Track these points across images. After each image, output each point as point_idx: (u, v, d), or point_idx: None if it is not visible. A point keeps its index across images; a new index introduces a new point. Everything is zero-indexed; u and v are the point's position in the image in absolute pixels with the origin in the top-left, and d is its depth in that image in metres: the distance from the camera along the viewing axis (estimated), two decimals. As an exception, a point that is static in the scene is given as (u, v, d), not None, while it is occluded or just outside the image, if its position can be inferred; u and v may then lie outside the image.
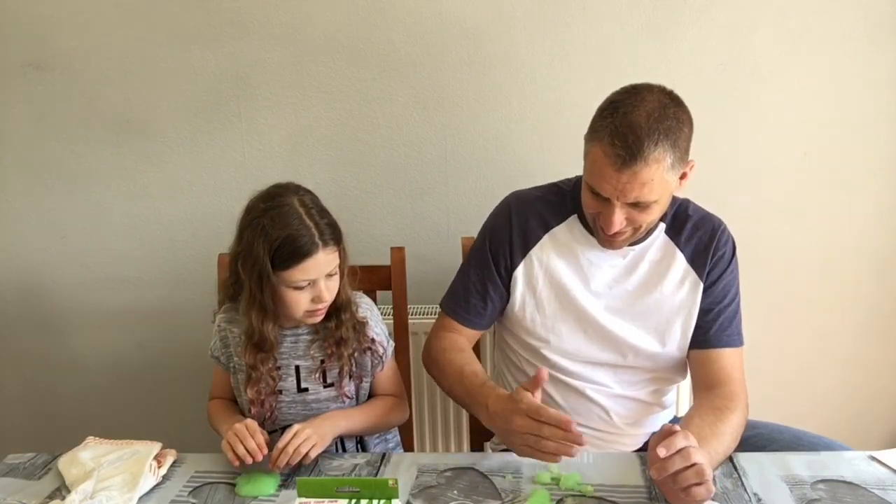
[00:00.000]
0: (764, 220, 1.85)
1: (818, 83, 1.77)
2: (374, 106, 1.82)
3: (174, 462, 1.22)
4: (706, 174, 1.82)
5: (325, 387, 1.33)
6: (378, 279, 1.54)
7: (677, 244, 1.35)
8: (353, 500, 1.08)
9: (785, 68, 1.76)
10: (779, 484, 1.11)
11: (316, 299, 1.25)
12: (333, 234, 1.25)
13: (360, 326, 1.33)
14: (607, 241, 1.29)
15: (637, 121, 1.15)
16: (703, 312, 1.34)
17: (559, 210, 1.37)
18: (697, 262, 1.34)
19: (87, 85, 1.84)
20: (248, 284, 1.25)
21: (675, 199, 1.36)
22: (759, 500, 1.07)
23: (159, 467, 1.18)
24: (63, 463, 1.21)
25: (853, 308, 1.91)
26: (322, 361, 1.33)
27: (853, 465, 1.16)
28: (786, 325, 1.92)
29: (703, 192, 1.80)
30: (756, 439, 1.31)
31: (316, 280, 1.24)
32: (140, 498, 1.12)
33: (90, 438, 1.28)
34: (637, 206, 1.20)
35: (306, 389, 1.33)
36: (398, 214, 1.87)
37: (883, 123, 1.79)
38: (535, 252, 1.36)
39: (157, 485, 1.16)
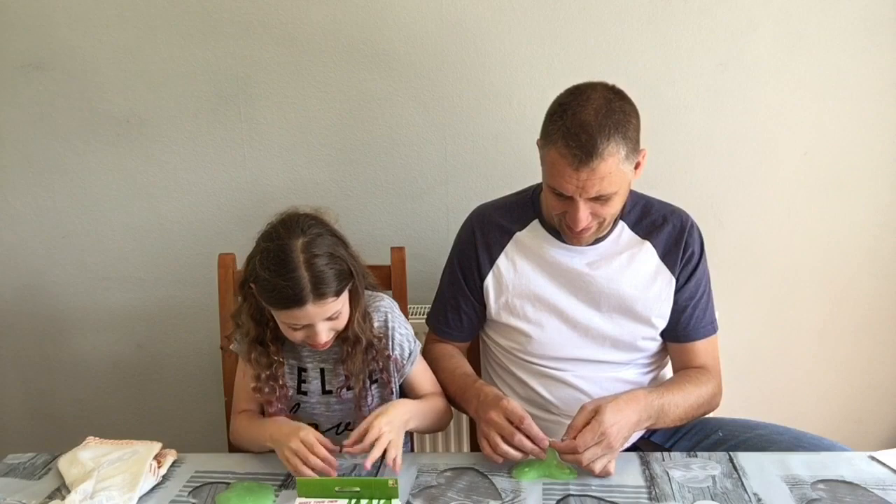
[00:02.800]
0: (764, 220, 1.85)
1: (818, 83, 1.77)
2: (374, 106, 1.82)
3: (174, 462, 1.23)
4: (706, 174, 1.83)
5: (348, 389, 1.33)
6: (378, 279, 1.54)
7: (646, 237, 1.39)
8: (353, 500, 1.08)
9: (785, 68, 1.76)
10: (779, 484, 1.11)
11: (310, 339, 1.23)
12: (334, 285, 1.18)
13: (378, 343, 1.31)
14: (575, 237, 1.34)
15: (587, 119, 1.20)
16: (679, 310, 1.39)
17: (520, 217, 1.43)
18: (669, 257, 1.38)
19: (87, 85, 1.84)
20: (252, 300, 1.24)
21: (636, 195, 1.42)
22: (759, 500, 1.07)
23: (159, 467, 1.18)
24: (63, 463, 1.21)
25: (853, 308, 1.91)
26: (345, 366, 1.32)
27: (853, 465, 1.16)
28: (785, 324, 1.92)
29: (703, 192, 1.81)
30: (756, 440, 1.31)
31: (309, 324, 1.20)
32: (140, 498, 1.12)
33: (90, 438, 1.28)
34: (599, 199, 1.25)
35: (330, 392, 1.33)
36: (398, 214, 1.87)
37: (883, 123, 1.79)
38: (501, 260, 1.41)
39: (157, 485, 1.16)
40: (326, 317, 1.20)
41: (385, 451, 1.15)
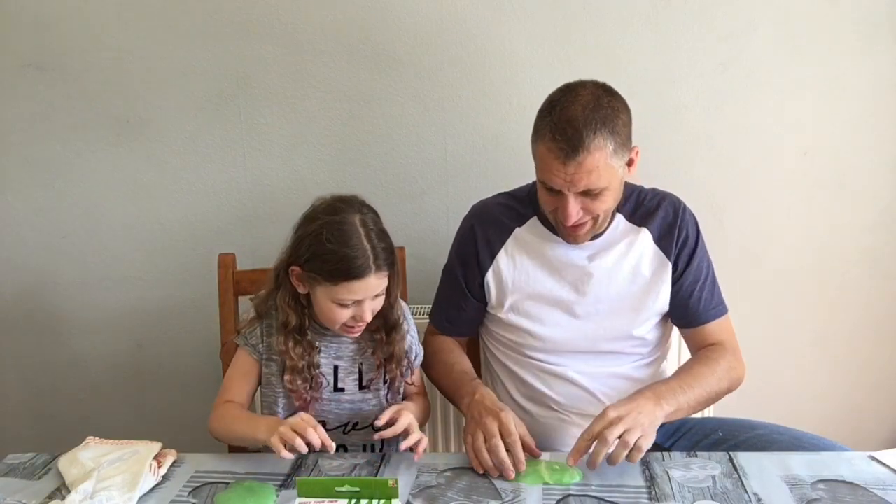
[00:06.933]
0: (764, 220, 1.85)
1: (818, 83, 1.77)
2: (374, 106, 1.82)
3: (174, 462, 1.22)
4: (707, 174, 1.83)
5: (360, 388, 1.35)
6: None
7: (642, 224, 1.40)
8: (353, 500, 1.08)
9: (785, 68, 1.76)
10: (779, 484, 1.11)
11: (357, 318, 1.26)
12: (388, 259, 1.25)
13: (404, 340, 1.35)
14: (571, 235, 1.35)
15: (574, 114, 1.23)
16: (686, 296, 1.40)
17: (519, 213, 1.44)
18: (664, 241, 1.40)
19: (87, 85, 1.84)
20: (290, 288, 1.28)
21: (629, 186, 1.42)
22: (759, 500, 1.07)
23: (159, 467, 1.18)
24: (63, 463, 1.21)
25: (853, 308, 1.91)
26: (360, 364, 1.35)
27: (853, 465, 1.16)
28: (785, 324, 1.92)
29: (703, 192, 1.81)
30: (756, 440, 1.31)
31: (361, 300, 1.24)
32: (140, 498, 1.12)
33: (90, 438, 1.28)
34: (588, 194, 1.26)
35: (342, 389, 1.35)
36: (398, 214, 1.87)
37: (883, 123, 1.79)
38: (501, 256, 1.42)
39: (157, 485, 1.16)
40: (378, 292, 1.25)
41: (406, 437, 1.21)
